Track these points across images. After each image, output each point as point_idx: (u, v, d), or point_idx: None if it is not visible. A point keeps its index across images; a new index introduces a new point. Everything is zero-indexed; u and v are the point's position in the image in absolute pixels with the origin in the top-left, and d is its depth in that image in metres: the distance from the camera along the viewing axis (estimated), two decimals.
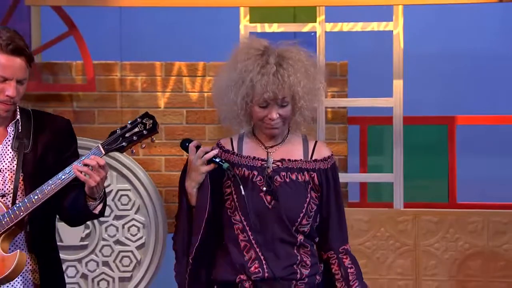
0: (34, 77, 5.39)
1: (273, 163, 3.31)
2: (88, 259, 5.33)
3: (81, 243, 5.30)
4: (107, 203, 5.17)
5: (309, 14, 5.45)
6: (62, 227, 5.13)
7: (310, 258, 3.31)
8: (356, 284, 3.33)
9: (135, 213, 5.42)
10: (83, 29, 5.46)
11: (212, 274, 3.31)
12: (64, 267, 5.15)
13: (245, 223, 3.25)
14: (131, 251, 5.41)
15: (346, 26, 5.46)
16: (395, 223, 5.08)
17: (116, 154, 5.32)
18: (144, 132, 3.21)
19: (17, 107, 3.34)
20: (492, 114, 5.83)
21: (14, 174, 3.31)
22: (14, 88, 3.24)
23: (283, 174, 3.29)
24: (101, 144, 3.23)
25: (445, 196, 5.70)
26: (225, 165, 3.19)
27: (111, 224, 5.31)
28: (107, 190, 5.22)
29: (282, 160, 3.30)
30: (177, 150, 5.54)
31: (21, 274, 3.30)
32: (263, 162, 3.30)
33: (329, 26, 5.42)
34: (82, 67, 5.46)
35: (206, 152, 3.19)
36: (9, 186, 3.31)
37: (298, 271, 3.27)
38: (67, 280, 5.10)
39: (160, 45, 6.37)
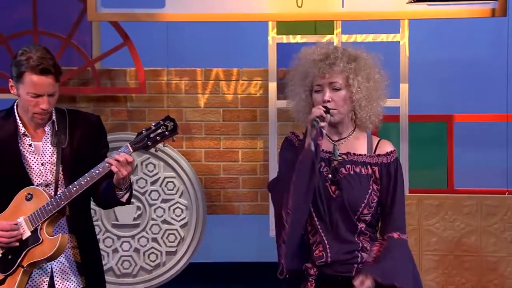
0: (95, 81, 5.41)
1: (339, 155, 3.17)
2: (140, 236, 5.41)
3: (134, 222, 5.39)
4: (156, 188, 5.40)
5: (327, 27, 5.46)
6: (118, 209, 5.20)
7: (370, 243, 3.18)
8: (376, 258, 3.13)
9: (179, 197, 5.49)
10: (136, 40, 5.51)
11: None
12: (119, 242, 5.34)
13: (312, 209, 3.11)
14: (176, 229, 5.48)
15: (360, 37, 5.47)
16: None
17: (163, 148, 5.41)
18: (166, 133, 3.23)
19: (52, 109, 3.39)
20: (484, 113, 5.80)
21: (54, 166, 3.36)
22: (47, 102, 3.29)
23: (348, 166, 3.16)
24: (129, 143, 3.25)
25: (444, 183, 5.68)
26: (314, 123, 3.02)
27: (159, 206, 5.41)
28: (155, 178, 5.37)
29: (347, 154, 3.17)
30: (215, 143, 5.57)
31: (64, 252, 3.35)
32: (330, 155, 3.17)
33: (344, 37, 5.44)
34: (135, 73, 5.50)
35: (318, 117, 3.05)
36: (51, 177, 3.37)
37: (359, 255, 3.15)
38: (122, 253, 5.34)
39: (200, 54, 6.30)
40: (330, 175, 3.12)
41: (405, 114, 5.42)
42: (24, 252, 3.30)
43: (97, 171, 3.25)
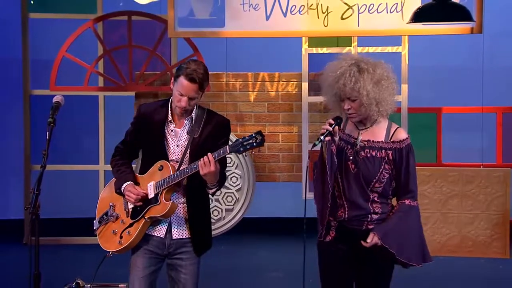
0: (172, 82, 5.60)
1: (361, 141, 3.37)
2: None
3: None
4: None
5: (347, 41, 5.91)
6: None
7: (381, 209, 3.38)
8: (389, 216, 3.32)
9: (235, 168, 5.93)
10: (203, 51, 5.99)
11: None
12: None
13: (339, 180, 3.37)
14: (232, 193, 5.95)
15: (371, 49, 5.90)
16: None
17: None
18: (254, 144, 3.39)
19: (195, 108, 3.60)
20: (465, 106, 6.25)
21: (184, 149, 3.57)
22: (185, 102, 3.50)
23: (366, 150, 3.35)
24: (228, 146, 3.43)
25: (434, 158, 6.14)
26: (317, 141, 3.28)
27: None
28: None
29: (368, 141, 3.37)
30: (261, 128, 5.88)
31: (182, 209, 3.55)
32: (355, 140, 3.38)
33: (359, 49, 5.88)
34: None
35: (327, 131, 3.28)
36: (180, 157, 3.57)
37: (369, 216, 3.38)
38: None
39: (251, 61, 6.62)
40: (351, 157, 3.38)
41: (405, 107, 5.86)
42: (148, 208, 3.57)
43: (194, 165, 3.49)
